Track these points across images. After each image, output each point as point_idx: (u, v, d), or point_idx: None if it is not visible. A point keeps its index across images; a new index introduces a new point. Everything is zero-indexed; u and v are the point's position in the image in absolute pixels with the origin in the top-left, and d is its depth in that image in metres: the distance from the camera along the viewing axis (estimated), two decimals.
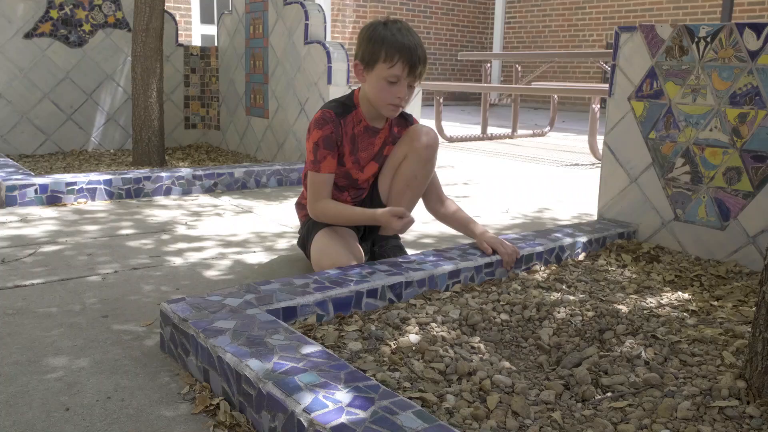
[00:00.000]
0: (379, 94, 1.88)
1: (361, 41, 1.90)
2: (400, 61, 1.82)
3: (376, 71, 1.85)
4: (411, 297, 1.73)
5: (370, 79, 1.89)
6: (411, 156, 1.97)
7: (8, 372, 1.37)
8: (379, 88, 1.87)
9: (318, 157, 1.88)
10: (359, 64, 1.90)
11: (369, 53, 1.86)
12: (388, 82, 1.85)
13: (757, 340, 1.25)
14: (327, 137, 1.88)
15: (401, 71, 1.83)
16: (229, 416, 1.19)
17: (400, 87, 1.86)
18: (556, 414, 1.17)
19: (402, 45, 1.83)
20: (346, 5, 10.30)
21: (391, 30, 1.85)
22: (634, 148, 2.39)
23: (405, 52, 1.83)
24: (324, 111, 1.91)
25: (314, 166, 1.90)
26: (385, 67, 1.83)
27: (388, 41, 1.83)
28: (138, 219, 2.73)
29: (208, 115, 4.85)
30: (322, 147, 1.88)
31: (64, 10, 4.16)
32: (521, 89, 5.80)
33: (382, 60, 1.83)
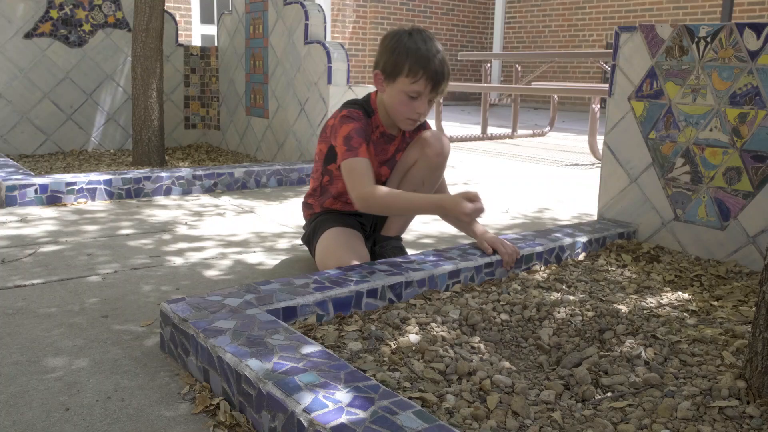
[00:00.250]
0: (398, 107, 1.83)
1: (384, 50, 1.83)
2: (424, 77, 1.77)
3: (398, 84, 1.80)
4: (411, 297, 1.73)
5: (390, 91, 1.83)
6: (421, 161, 1.96)
7: (8, 372, 1.37)
8: (398, 101, 1.82)
9: (353, 144, 1.79)
10: (380, 74, 1.84)
11: (391, 65, 1.80)
12: (409, 96, 1.80)
13: (757, 340, 1.25)
14: (359, 128, 1.82)
15: (424, 87, 1.78)
16: (229, 416, 1.19)
17: (421, 102, 1.81)
18: (556, 414, 1.17)
19: (427, 60, 1.76)
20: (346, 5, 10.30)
21: (416, 41, 1.78)
22: (634, 148, 2.39)
23: (430, 68, 1.77)
24: (350, 110, 1.86)
25: (351, 152, 1.79)
26: (408, 81, 1.78)
27: (413, 55, 1.76)
28: (138, 219, 2.73)
29: (208, 115, 4.85)
30: (355, 136, 1.80)
31: (64, 10, 4.16)
32: (521, 89, 5.80)
33: (405, 74, 1.77)
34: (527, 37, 11.18)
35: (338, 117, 1.87)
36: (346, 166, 1.79)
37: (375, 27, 10.56)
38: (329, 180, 1.98)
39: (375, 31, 10.56)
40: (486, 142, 6.08)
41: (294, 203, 3.16)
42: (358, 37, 10.51)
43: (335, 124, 1.86)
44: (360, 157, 1.78)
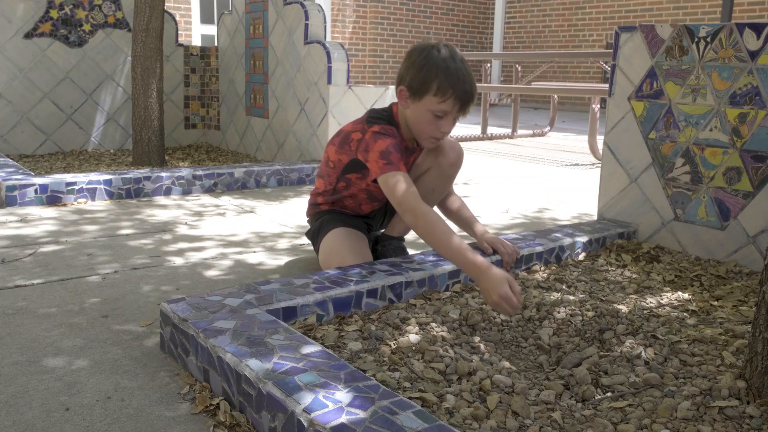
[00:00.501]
0: (423, 126, 1.78)
1: (410, 66, 1.76)
2: (453, 96, 1.72)
3: (424, 103, 1.74)
4: (411, 297, 1.73)
5: (415, 108, 1.78)
6: (434, 170, 1.95)
7: (8, 372, 1.37)
8: (424, 120, 1.77)
9: (393, 159, 1.72)
10: (405, 90, 1.77)
11: (419, 82, 1.73)
12: (435, 115, 1.75)
13: (757, 340, 1.25)
14: (396, 144, 1.76)
15: (452, 107, 1.73)
16: (229, 416, 1.19)
17: (447, 122, 1.77)
18: (556, 414, 1.17)
19: (457, 79, 1.71)
20: (346, 5, 10.30)
21: (444, 59, 1.72)
22: (634, 148, 2.39)
23: (459, 88, 1.71)
24: (383, 126, 1.80)
25: (392, 166, 1.71)
26: (435, 100, 1.72)
27: (443, 73, 1.71)
28: (138, 219, 2.73)
29: (208, 115, 4.85)
30: (394, 151, 1.73)
31: (64, 10, 4.16)
32: (521, 89, 5.80)
33: (433, 93, 1.72)
34: (527, 37, 11.18)
35: (369, 132, 1.79)
36: (389, 179, 1.70)
37: (375, 27, 10.56)
38: (345, 186, 1.97)
39: (375, 31, 10.56)
40: (486, 142, 6.08)
41: (294, 203, 3.16)
42: (358, 37, 10.50)
43: (367, 140, 1.78)
44: (402, 171, 1.71)
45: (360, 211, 2.05)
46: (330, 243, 1.92)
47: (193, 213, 2.88)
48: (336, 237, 1.92)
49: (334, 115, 3.69)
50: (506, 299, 1.44)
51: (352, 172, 1.93)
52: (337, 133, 1.95)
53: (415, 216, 1.64)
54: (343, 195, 2.00)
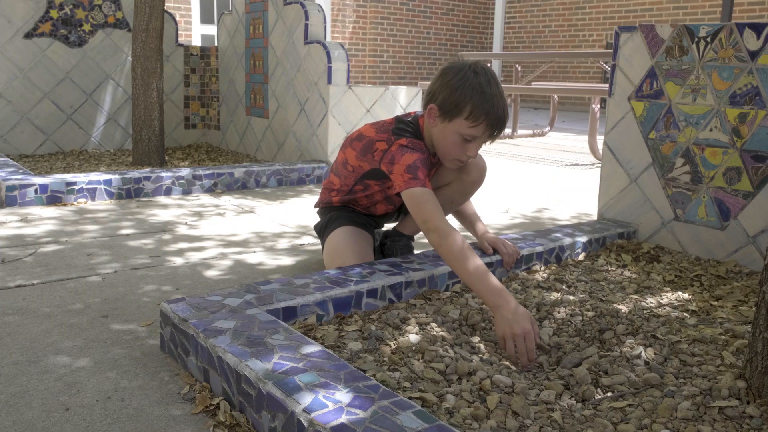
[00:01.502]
0: (449, 147, 1.75)
1: (444, 86, 1.70)
2: (485, 122, 1.68)
3: (455, 125, 1.70)
4: (411, 297, 1.73)
5: (443, 129, 1.73)
6: (456, 184, 1.95)
7: (8, 372, 1.37)
8: (451, 142, 1.73)
9: (419, 174, 1.69)
10: (436, 109, 1.72)
11: (452, 104, 1.68)
12: (464, 139, 1.71)
13: (757, 340, 1.25)
14: (424, 159, 1.74)
15: (482, 133, 1.70)
16: (229, 416, 1.19)
17: (474, 146, 1.73)
18: (556, 414, 1.17)
19: (491, 106, 1.67)
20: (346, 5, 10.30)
21: (480, 83, 1.67)
22: (634, 148, 2.39)
23: (492, 116, 1.67)
24: (411, 140, 1.77)
25: (418, 182, 1.68)
26: (467, 124, 1.68)
27: (477, 97, 1.66)
28: (138, 219, 2.73)
29: (208, 115, 4.85)
30: (421, 167, 1.71)
31: (64, 10, 4.16)
32: (521, 89, 5.80)
33: (465, 117, 1.68)
34: (527, 37, 11.18)
35: (396, 145, 1.76)
36: (415, 194, 1.67)
37: (375, 27, 10.56)
38: (363, 189, 1.96)
39: (375, 31, 10.56)
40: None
41: (294, 203, 3.16)
42: (358, 37, 10.51)
43: (393, 152, 1.75)
44: (427, 188, 1.68)
45: (374, 210, 2.04)
46: (334, 242, 1.91)
47: (193, 213, 2.88)
48: (340, 237, 1.92)
49: (334, 115, 3.69)
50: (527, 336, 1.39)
51: (371, 179, 1.91)
52: (358, 137, 1.88)
53: (441, 237, 1.61)
54: (359, 195, 1.99)
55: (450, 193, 1.97)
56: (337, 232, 1.93)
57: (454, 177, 1.94)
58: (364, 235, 1.96)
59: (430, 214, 1.64)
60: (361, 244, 1.92)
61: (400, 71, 10.93)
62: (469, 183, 1.95)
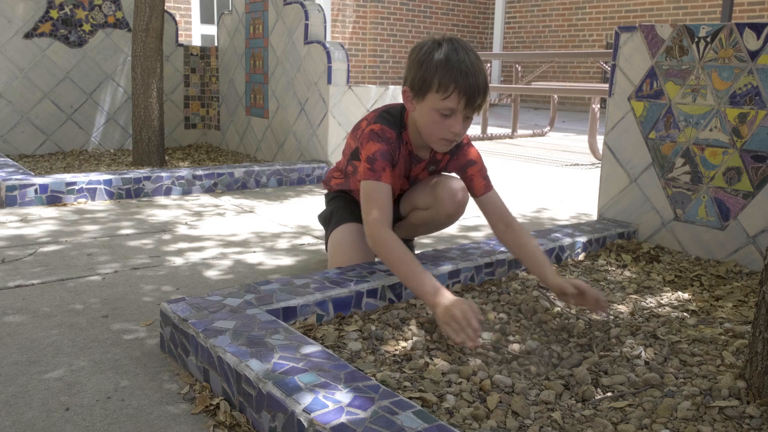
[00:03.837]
0: (430, 127, 1.65)
1: (411, 64, 1.65)
2: (456, 91, 1.57)
3: (428, 101, 1.61)
4: (411, 297, 1.73)
5: (420, 110, 1.65)
6: (431, 212, 1.88)
7: (8, 372, 1.37)
8: (430, 121, 1.64)
9: (376, 167, 1.65)
10: (408, 90, 1.66)
11: (419, 80, 1.61)
12: (441, 114, 1.61)
13: (757, 340, 1.25)
14: (385, 152, 1.67)
15: (456, 103, 1.59)
16: (229, 416, 1.19)
17: (455, 120, 1.62)
18: (556, 414, 1.17)
19: (458, 72, 1.57)
20: (346, 5, 10.30)
21: (446, 53, 1.59)
22: (634, 148, 2.39)
23: (461, 82, 1.57)
24: (384, 128, 1.71)
25: (373, 174, 1.64)
26: (438, 98, 1.59)
27: (442, 67, 1.58)
28: (138, 219, 2.73)
29: (208, 115, 4.85)
30: (380, 159, 1.65)
31: (64, 10, 4.16)
32: (521, 89, 5.80)
33: (435, 90, 1.59)
34: (527, 37, 11.18)
35: (368, 130, 1.72)
36: (365, 188, 1.65)
37: (375, 27, 10.56)
38: (353, 171, 1.91)
39: (375, 31, 10.56)
40: (486, 142, 6.08)
41: (294, 203, 3.16)
42: (358, 37, 10.51)
43: (363, 136, 1.73)
44: (382, 182, 1.63)
45: None
46: (338, 239, 1.89)
47: (193, 213, 2.88)
48: (344, 234, 1.89)
49: (334, 115, 3.69)
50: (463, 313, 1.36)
51: (355, 160, 1.87)
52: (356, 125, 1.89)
53: (373, 240, 1.59)
54: (351, 180, 1.94)
55: (424, 217, 1.90)
56: (341, 230, 1.91)
57: (430, 202, 1.86)
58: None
59: (369, 214, 1.60)
60: (364, 243, 1.89)
61: (400, 71, 10.93)
62: (444, 216, 1.86)
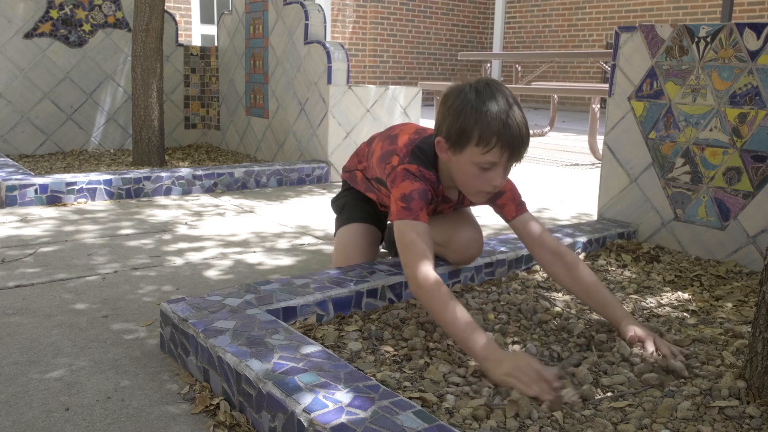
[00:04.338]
0: (468, 180, 1.52)
1: (447, 113, 1.49)
2: (499, 144, 1.43)
3: (466, 155, 1.47)
4: (411, 297, 1.73)
5: (457, 161, 1.50)
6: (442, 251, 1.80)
7: (8, 372, 1.37)
8: (469, 174, 1.50)
9: (413, 206, 1.51)
10: (443, 142, 1.51)
11: (457, 132, 1.46)
12: (481, 168, 1.47)
13: (757, 340, 1.25)
14: (422, 192, 1.54)
15: (499, 157, 1.45)
16: (229, 416, 1.19)
17: (496, 174, 1.48)
18: (557, 414, 1.17)
19: (501, 123, 1.42)
20: (346, 5, 10.30)
21: (484, 100, 1.44)
22: (634, 148, 2.38)
23: (504, 134, 1.42)
24: (421, 170, 1.57)
25: (410, 214, 1.50)
26: (479, 151, 1.44)
27: (483, 118, 1.43)
28: (138, 219, 2.73)
29: (208, 115, 4.85)
30: (417, 198, 1.52)
31: (64, 10, 4.16)
32: (521, 89, 5.80)
33: (475, 143, 1.44)
34: (527, 37, 11.18)
35: (402, 168, 1.58)
36: (402, 228, 1.50)
37: (375, 27, 10.56)
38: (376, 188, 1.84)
39: (375, 31, 10.56)
40: None
41: (294, 203, 3.16)
42: (358, 37, 10.51)
43: (396, 174, 1.58)
44: (420, 221, 1.50)
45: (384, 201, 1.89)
46: (342, 239, 1.88)
47: (193, 213, 2.88)
48: (349, 235, 1.87)
49: (334, 115, 3.69)
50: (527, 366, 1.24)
51: (382, 186, 1.79)
52: (392, 137, 1.72)
53: (418, 288, 1.43)
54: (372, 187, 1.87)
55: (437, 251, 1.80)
56: (347, 230, 1.89)
57: (444, 241, 1.75)
58: (371, 233, 1.91)
59: (412, 260, 1.45)
60: (368, 244, 1.88)
61: (400, 71, 10.93)
62: (452, 260, 1.80)
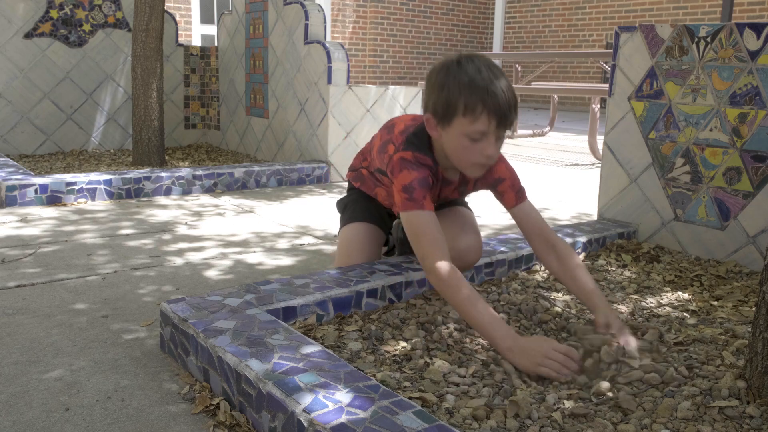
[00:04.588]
0: (460, 153, 1.52)
1: (431, 89, 1.52)
2: (486, 112, 1.44)
3: (455, 127, 1.48)
4: (411, 297, 1.73)
5: (447, 136, 1.51)
6: None
7: (8, 372, 1.37)
8: (460, 147, 1.50)
9: (416, 196, 1.51)
10: (432, 118, 1.52)
11: (443, 105, 1.48)
12: (471, 139, 1.48)
13: (757, 340, 1.25)
14: (422, 179, 1.54)
15: (487, 125, 1.46)
16: (229, 416, 1.19)
17: (487, 143, 1.48)
18: (556, 414, 1.17)
19: (485, 92, 1.44)
20: (346, 5, 10.30)
21: (467, 72, 1.46)
22: (634, 148, 2.38)
23: (490, 101, 1.44)
24: (417, 155, 1.57)
25: (415, 204, 1.51)
26: (466, 122, 1.46)
27: (467, 88, 1.45)
28: (138, 219, 2.73)
29: (208, 115, 4.85)
30: (418, 188, 1.52)
31: (64, 10, 4.16)
32: (521, 89, 5.80)
33: (461, 113, 1.45)
34: (527, 37, 11.18)
35: (398, 157, 1.58)
36: (410, 220, 1.52)
37: (375, 27, 10.56)
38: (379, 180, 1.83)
39: (375, 31, 10.56)
40: None
41: (294, 203, 3.16)
42: (358, 37, 10.50)
43: (393, 164, 1.58)
44: (426, 210, 1.51)
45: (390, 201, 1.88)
46: (345, 238, 1.87)
47: (193, 213, 2.88)
48: (351, 234, 1.86)
49: (334, 115, 3.69)
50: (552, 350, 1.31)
51: (384, 176, 1.79)
52: (386, 127, 1.74)
53: (439, 281, 1.45)
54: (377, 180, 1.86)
55: None
56: (350, 228, 1.87)
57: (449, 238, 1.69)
58: (374, 233, 1.89)
59: (428, 251, 1.47)
60: (371, 244, 1.87)
61: (400, 71, 10.93)
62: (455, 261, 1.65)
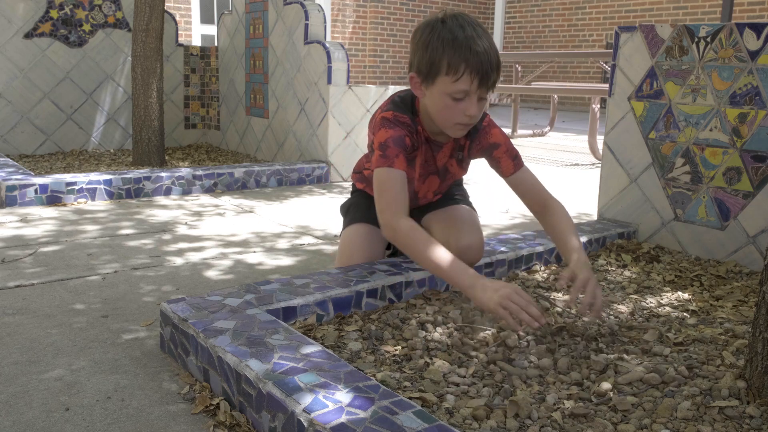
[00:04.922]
0: (443, 113, 1.54)
1: (416, 47, 1.53)
2: (468, 71, 1.46)
3: (438, 86, 1.51)
4: (411, 297, 1.73)
5: (430, 95, 1.54)
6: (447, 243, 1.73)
7: (8, 372, 1.37)
8: (443, 105, 1.53)
9: (388, 153, 1.55)
10: (415, 76, 1.56)
11: (426, 64, 1.50)
12: (454, 98, 1.50)
13: (757, 340, 1.25)
14: (397, 138, 1.58)
15: (469, 84, 1.48)
16: (229, 416, 1.19)
17: (469, 103, 1.51)
18: (556, 414, 1.17)
19: (468, 50, 1.46)
20: (346, 5, 10.30)
21: (451, 30, 1.48)
22: (634, 148, 2.39)
23: (472, 60, 1.46)
24: (396, 114, 1.61)
25: (385, 160, 1.55)
26: (449, 80, 1.48)
27: (450, 46, 1.47)
28: (138, 219, 2.73)
29: (208, 115, 4.85)
30: (392, 145, 1.56)
31: (64, 10, 4.16)
32: (521, 89, 5.80)
33: (444, 72, 1.48)
34: (527, 37, 11.18)
35: (379, 117, 1.62)
36: (378, 175, 1.56)
37: (375, 27, 10.56)
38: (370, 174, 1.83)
39: (375, 31, 10.56)
40: None
41: (294, 203, 3.16)
42: (358, 37, 10.51)
43: (375, 123, 1.64)
44: (395, 168, 1.55)
45: None
46: (346, 238, 1.87)
47: (193, 213, 2.88)
48: (354, 234, 1.85)
49: (334, 115, 3.69)
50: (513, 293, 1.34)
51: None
52: None
53: (393, 230, 1.53)
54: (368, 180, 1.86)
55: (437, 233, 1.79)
56: (351, 229, 1.87)
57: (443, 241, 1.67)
58: (375, 234, 1.88)
59: (383, 204, 1.54)
60: (373, 245, 1.86)
61: (400, 71, 10.93)
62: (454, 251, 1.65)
